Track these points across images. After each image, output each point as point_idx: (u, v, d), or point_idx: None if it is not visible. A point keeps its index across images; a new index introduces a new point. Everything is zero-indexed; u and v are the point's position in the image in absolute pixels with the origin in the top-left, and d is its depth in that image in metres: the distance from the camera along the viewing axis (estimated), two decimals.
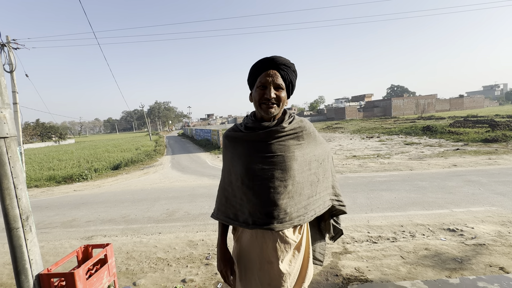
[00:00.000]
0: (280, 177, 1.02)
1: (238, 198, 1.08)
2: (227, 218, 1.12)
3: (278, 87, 1.02)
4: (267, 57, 1.04)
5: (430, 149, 10.08)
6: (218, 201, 1.18)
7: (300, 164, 1.06)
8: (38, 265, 1.80)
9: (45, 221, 5.15)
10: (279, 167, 1.03)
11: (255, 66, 1.04)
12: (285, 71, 1.03)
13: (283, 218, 1.02)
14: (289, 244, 1.08)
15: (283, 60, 1.03)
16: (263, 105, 1.02)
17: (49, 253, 3.67)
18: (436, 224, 3.62)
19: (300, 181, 1.06)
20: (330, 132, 22.37)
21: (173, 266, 3.03)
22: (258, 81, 1.02)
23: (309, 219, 1.10)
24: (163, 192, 6.68)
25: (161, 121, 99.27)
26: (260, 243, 1.07)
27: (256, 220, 1.03)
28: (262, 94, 1.01)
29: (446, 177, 5.95)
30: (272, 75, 1.01)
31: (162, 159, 14.41)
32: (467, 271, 2.45)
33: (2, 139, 1.65)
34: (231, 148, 1.11)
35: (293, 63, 1.07)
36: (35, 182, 9.84)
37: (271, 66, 1.02)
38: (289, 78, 1.05)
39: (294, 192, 1.04)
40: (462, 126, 16.22)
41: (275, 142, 1.04)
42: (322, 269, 2.72)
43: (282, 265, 1.05)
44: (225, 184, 1.15)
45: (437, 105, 49.27)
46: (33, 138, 49.28)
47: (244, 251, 1.11)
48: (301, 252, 1.12)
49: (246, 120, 1.12)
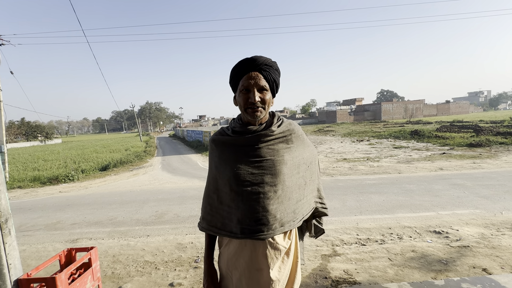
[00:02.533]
0: (270, 182, 0.99)
1: (225, 205, 1.03)
2: (214, 228, 1.07)
3: (262, 89, 0.98)
4: (246, 58, 0.99)
5: (418, 153, 10.32)
6: (203, 210, 1.12)
7: (289, 168, 1.04)
8: (17, 270, 1.73)
9: (28, 223, 4.96)
10: (269, 171, 1.00)
11: (236, 68, 1.00)
12: (267, 71, 0.99)
13: (273, 224, 0.99)
14: (279, 250, 1.04)
15: (264, 59, 0.99)
16: (249, 110, 0.98)
17: (31, 256, 3.54)
18: (423, 226, 3.69)
19: (289, 185, 1.04)
20: (321, 135, 22.60)
21: (161, 270, 2.97)
22: (241, 85, 0.99)
23: (299, 223, 1.08)
24: (153, 194, 6.57)
25: (152, 122, 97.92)
26: (249, 250, 1.03)
27: (245, 228, 0.98)
28: (246, 98, 0.98)
29: (432, 180, 6.09)
30: (255, 77, 0.97)
31: (152, 160, 14.19)
32: (452, 273, 2.51)
33: None
34: (218, 152, 1.07)
35: (274, 61, 1.03)
36: (19, 183, 9.50)
37: (253, 67, 0.98)
38: (272, 78, 1.01)
39: (284, 197, 1.02)
40: (448, 131, 16.71)
41: (264, 146, 1.02)
42: (311, 271, 2.73)
43: (272, 272, 1.02)
44: (210, 191, 1.09)
45: (424, 110, 50.67)
46: (17, 138, 47.67)
47: (231, 260, 1.06)
48: (290, 257, 1.09)
49: (233, 124, 1.08)
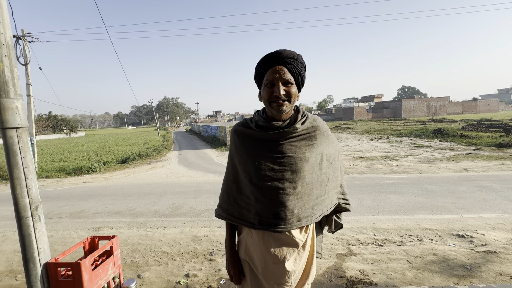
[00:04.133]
0: (289, 178, 1.00)
1: (245, 196, 1.05)
2: (231, 217, 1.09)
3: (287, 83, 0.97)
4: (271, 52, 0.98)
5: (441, 153, 9.86)
6: (221, 198, 1.14)
7: (311, 165, 1.03)
8: (46, 254, 1.84)
9: (55, 211, 5.27)
10: (289, 168, 1.00)
11: (261, 63, 1.00)
12: (292, 64, 0.98)
13: (290, 219, 1.00)
14: (295, 243, 1.07)
15: (288, 53, 0.98)
16: (274, 104, 0.97)
17: (57, 242, 3.76)
18: (445, 229, 3.53)
19: (309, 182, 1.04)
20: (338, 132, 22.13)
21: (177, 261, 3.05)
22: (265, 79, 0.98)
23: (317, 219, 1.08)
24: (169, 187, 6.75)
25: (169, 117, 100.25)
26: (266, 243, 1.05)
27: (263, 220, 1.00)
28: (271, 92, 0.97)
29: (456, 181, 5.80)
30: (279, 71, 0.96)
31: (169, 154, 14.55)
32: (476, 279, 2.39)
33: (14, 129, 1.68)
34: (239, 144, 1.07)
35: (299, 54, 1.02)
36: (46, 173, 10.09)
37: (277, 61, 0.97)
38: (297, 71, 0.99)
39: (303, 193, 1.02)
40: (475, 130, 15.79)
41: (286, 143, 1.01)
42: (325, 269, 2.70)
43: (287, 263, 1.04)
44: (229, 181, 1.11)
45: (449, 107, 48.12)
46: (45, 130, 50.57)
47: (249, 250, 1.09)
48: (306, 250, 1.11)
49: (257, 118, 1.07)
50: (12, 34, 1.75)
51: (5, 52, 1.64)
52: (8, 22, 1.66)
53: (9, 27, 1.68)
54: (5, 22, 1.64)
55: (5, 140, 1.69)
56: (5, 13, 1.64)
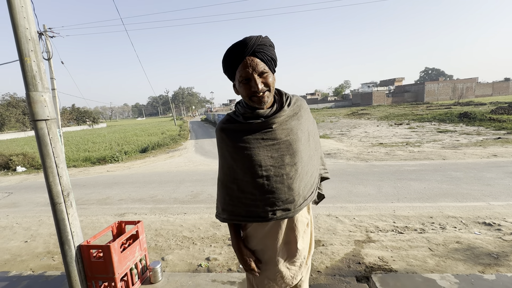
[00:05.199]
0: (290, 162, 1.00)
1: (248, 193, 1.01)
2: (239, 217, 1.05)
3: (262, 73, 0.92)
4: (236, 44, 0.91)
5: (467, 138, 9.34)
6: (222, 201, 1.09)
7: (303, 144, 1.05)
8: (79, 237, 1.98)
9: (83, 198, 5.62)
10: (287, 152, 1.00)
11: (228, 57, 0.93)
12: (262, 51, 0.92)
13: (298, 200, 1.02)
14: (303, 223, 1.11)
15: (254, 40, 0.91)
16: (254, 98, 0.94)
17: (87, 226, 4.03)
18: (470, 217, 3.40)
19: (306, 161, 1.06)
20: (355, 118, 21.48)
21: (198, 245, 3.18)
22: (239, 75, 0.93)
23: (316, 193, 1.13)
24: (188, 175, 6.95)
25: (184, 107, 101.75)
26: (277, 228, 1.07)
27: (275, 210, 1.00)
28: (248, 88, 0.93)
29: (484, 168, 5.51)
30: (251, 64, 0.91)
31: (186, 143, 14.88)
32: (503, 268, 2.30)
33: (43, 121, 1.78)
34: (230, 142, 1.01)
35: (265, 36, 0.95)
36: (73, 163, 10.70)
37: (246, 53, 0.90)
38: (269, 56, 0.94)
39: (304, 173, 1.04)
40: (506, 113, 14.73)
41: (278, 128, 1.00)
42: (343, 256, 2.71)
43: (298, 243, 1.09)
44: (228, 182, 1.06)
45: (477, 89, 45.01)
46: (70, 122, 53.17)
47: (260, 240, 1.09)
48: (309, 226, 1.16)
49: (242, 110, 1.03)
50: (36, 29, 1.81)
51: (31, 47, 1.71)
52: (33, 17, 1.73)
53: (34, 22, 1.74)
54: (29, 18, 1.70)
55: (36, 132, 1.79)
56: (29, 9, 1.69)
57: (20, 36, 1.67)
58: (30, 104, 1.74)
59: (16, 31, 1.66)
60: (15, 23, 1.64)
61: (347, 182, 5.17)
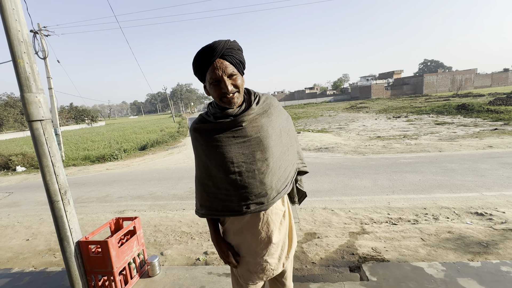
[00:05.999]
0: (261, 157, 1.04)
1: (223, 189, 1.07)
2: (216, 212, 1.11)
3: (231, 75, 0.97)
4: (205, 48, 0.95)
5: (464, 129, 9.39)
6: (199, 198, 1.15)
7: (274, 140, 1.08)
8: (77, 233, 2.03)
9: (83, 196, 5.68)
10: (258, 148, 1.04)
11: (198, 60, 0.98)
12: (231, 55, 0.97)
13: (271, 193, 1.06)
14: (278, 215, 1.14)
15: (223, 44, 0.96)
16: (224, 99, 0.99)
17: (87, 224, 4.10)
18: (463, 207, 3.46)
19: (277, 156, 1.09)
20: (353, 112, 21.48)
21: (196, 240, 3.25)
22: (209, 77, 0.97)
23: (290, 187, 1.17)
24: (187, 172, 7.00)
25: (183, 103, 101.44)
26: (253, 221, 1.11)
27: (248, 204, 1.05)
28: (219, 89, 0.97)
29: (479, 159, 5.57)
30: (220, 67, 0.95)
31: (185, 140, 14.91)
32: (492, 256, 2.37)
33: (38, 121, 1.81)
34: (204, 141, 1.07)
35: (234, 40, 1.00)
36: (73, 161, 10.75)
37: (214, 56, 0.95)
38: (237, 60, 1.00)
39: (276, 168, 1.08)
40: (504, 104, 14.76)
41: (248, 125, 1.04)
42: (338, 247, 2.77)
43: (274, 235, 1.12)
44: (204, 179, 1.12)
45: (476, 80, 44.86)
46: (68, 121, 53.06)
47: (237, 234, 1.14)
48: (286, 218, 1.19)
49: (213, 110, 1.08)
50: (28, 30, 1.84)
51: (24, 49, 1.74)
52: (24, 19, 1.75)
53: (25, 24, 1.76)
54: (21, 20, 1.72)
55: (32, 132, 1.83)
56: (20, 11, 1.72)
57: (12, 38, 1.69)
58: (24, 105, 1.78)
59: (8, 33, 1.68)
60: (7, 26, 1.67)
61: (344, 176, 5.23)
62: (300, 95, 60.00)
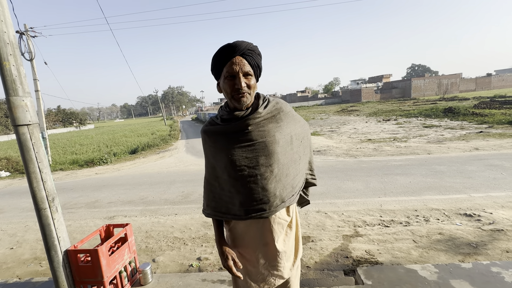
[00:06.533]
0: (265, 163, 1.02)
1: (227, 191, 1.08)
2: (219, 213, 1.12)
3: (247, 74, 0.99)
4: (229, 44, 0.98)
5: (451, 132, 9.65)
6: (206, 197, 1.17)
7: (282, 146, 1.06)
8: (66, 242, 1.96)
9: (71, 202, 5.51)
10: (263, 153, 1.02)
11: (218, 55, 0.99)
12: (251, 56, 0.99)
13: (274, 201, 1.04)
14: (281, 224, 1.12)
15: (246, 44, 0.98)
16: (235, 95, 0.99)
17: (75, 231, 3.96)
18: (452, 209, 3.54)
19: (284, 163, 1.07)
20: (344, 115, 21.80)
21: (189, 245, 3.19)
22: (225, 71, 0.98)
23: (297, 197, 1.15)
24: (179, 176, 6.90)
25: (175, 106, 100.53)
26: (255, 228, 1.09)
27: (249, 209, 1.03)
28: (232, 84, 0.98)
29: (466, 161, 5.72)
30: (239, 63, 0.96)
31: (177, 144, 14.74)
32: (481, 256, 2.42)
33: (25, 126, 1.75)
34: (212, 142, 1.09)
35: (256, 45, 1.02)
36: (60, 166, 10.43)
37: (236, 53, 0.97)
38: (256, 63, 1.01)
39: (281, 175, 1.06)
40: (488, 107, 15.28)
41: (254, 129, 1.03)
42: (332, 251, 2.78)
43: (277, 245, 1.10)
44: (211, 180, 1.14)
45: (461, 85, 46.38)
46: (55, 124, 51.58)
47: (239, 239, 1.13)
48: (292, 229, 1.17)
49: (222, 112, 1.09)
50: (15, 31, 1.78)
51: (10, 51, 1.68)
52: (10, 20, 1.69)
53: (12, 25, 1.70)
54: (7, 21, 1.66)
55: (18, 137, 1.76)
56: (6, 12, 1.66)
57: None
58: (10, 109, 1.71)
59: None
60: None
61: (336, 179, 5.27)
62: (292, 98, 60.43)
